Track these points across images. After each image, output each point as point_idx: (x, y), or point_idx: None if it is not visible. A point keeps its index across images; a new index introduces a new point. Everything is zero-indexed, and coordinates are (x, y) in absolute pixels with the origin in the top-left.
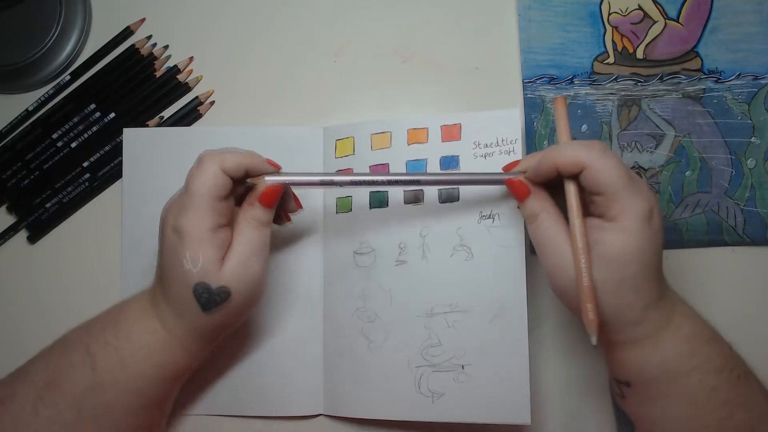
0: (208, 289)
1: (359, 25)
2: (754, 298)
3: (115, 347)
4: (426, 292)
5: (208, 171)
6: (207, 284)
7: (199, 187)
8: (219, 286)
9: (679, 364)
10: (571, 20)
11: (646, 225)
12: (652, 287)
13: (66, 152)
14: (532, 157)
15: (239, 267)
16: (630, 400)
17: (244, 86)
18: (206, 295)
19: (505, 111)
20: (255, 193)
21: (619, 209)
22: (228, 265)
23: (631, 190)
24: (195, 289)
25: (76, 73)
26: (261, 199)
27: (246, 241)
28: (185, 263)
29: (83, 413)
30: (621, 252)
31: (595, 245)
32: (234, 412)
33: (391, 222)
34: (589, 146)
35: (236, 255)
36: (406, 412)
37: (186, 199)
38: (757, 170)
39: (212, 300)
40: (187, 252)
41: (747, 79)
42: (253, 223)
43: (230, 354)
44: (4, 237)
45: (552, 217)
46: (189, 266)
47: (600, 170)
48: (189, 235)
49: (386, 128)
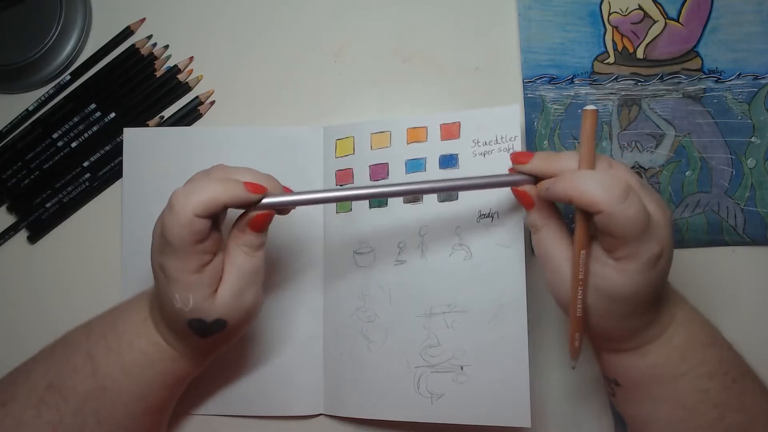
0: (202, 323)
1: (359, 25)
2: (754, 298)
3: (117, 353)
4: (425, 292)
5: (180, 218)
6: (201, 319)
7: (174, 237)
8: (214, 320)
9: (666, 370)
10: (571, 20)
11: (651, 268)
12: (646, 314)
13: (66, 152)
14: (546, 159)
15: (232, 298)
16: (620, 398)
17: (244, 86)
18: (202, 327)
19: (504, 108)
20: (245, 219)
21: (627, 253)
22: (221, 296)
23: (645, 235)
24: (190, 323)
25: (77, 73)
26: (251, 226)
27: (237, 270)
28: (175, 303)
29: (85, 418)
30: (618, 291)
31: (594, 276)
32: (234, 411)
33: (391, 221)
34: (610, 187)
35: (228, 286)
36: (405, 412)
37: (165, 244)
38: (757, 170)
39: (209, 330)
40: (176, 294)
41: (747, 79)
42: (244, 250)
43: (230, 354)
44: (4, 237)
45: (554, 233)
46: (179, 306)
47: (617, 220)
48: (175, 279)
49: (386, 127)
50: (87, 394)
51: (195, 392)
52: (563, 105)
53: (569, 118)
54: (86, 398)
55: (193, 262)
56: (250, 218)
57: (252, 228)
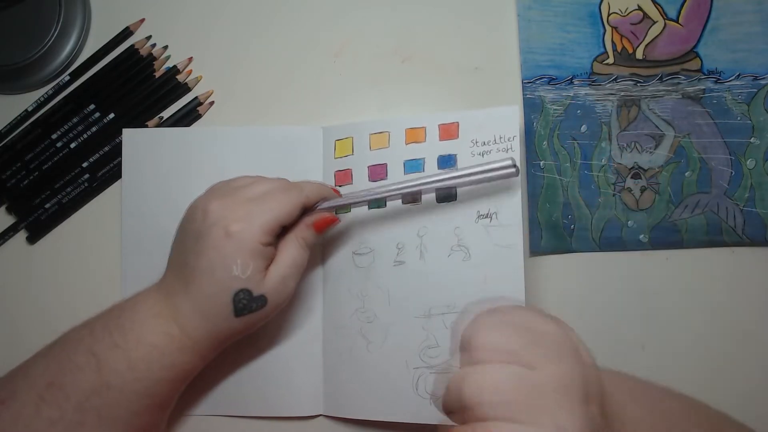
0: (249, 295)
1: (359, 25)
2: (753, 299)
3: (123, 349)
4: (424, 293)
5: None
6: (250, 291)
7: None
8: (260, 294)
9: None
10: (570, 20)
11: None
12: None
13: (65, 152)
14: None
15: (280, 280)
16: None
17: (243, 86)
18: (245, 301)
19: (503, 108)
20: (312, 217)
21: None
22: (271, 276)
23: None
24: (236, 294)
25: (76, 73)
26: (315, 225)
27: (291, 257)
28: (234, 269)
29: (87, 415)
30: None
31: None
32: (234, 412)
33: (389, 222)
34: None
35: (280, 268)
36: (404, 413)
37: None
38: (757, 171)
39: (248, 306)
40: (239, 259)
41: (747, 79)
42: (301, 243)
43: (231, 355)
44: (3, 237)
45: None
46: (237, 273)
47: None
48: (245, 243)
49: (384, 128)
50: (90, 390)
51: (195, 393)
52: (563, 105)
53: (568, 118)
54: (89, 395)
55: (265, 237)
56: (319, 219)
57: (315, 227)
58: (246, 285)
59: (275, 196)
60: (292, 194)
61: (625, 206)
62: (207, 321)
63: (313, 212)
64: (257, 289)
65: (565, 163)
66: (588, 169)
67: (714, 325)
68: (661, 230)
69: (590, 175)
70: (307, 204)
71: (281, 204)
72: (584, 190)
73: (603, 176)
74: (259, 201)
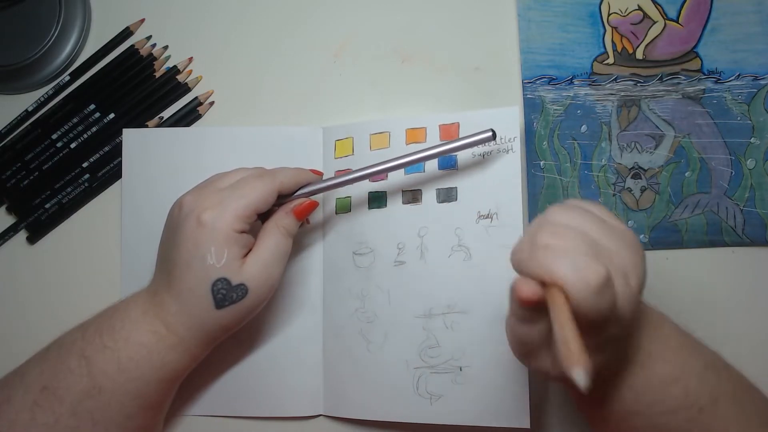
0: (227, 284)
1: (359, 24)
2: (754, 299)
3: (112, 350)
4: (424, 293)
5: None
6: (227, 279)
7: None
8: (239, 283)
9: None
10: (570, 21)
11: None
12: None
13: (65, 153)
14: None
15: (261, 268)
16: (581, 406)
17: (243, 86)
18: (224, 291)
19: (503, 109)
20: (291, 204)
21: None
22: (250, 264)
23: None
24: (214, 284)
25: (76, 73)
26: (295, 212)
27: (272, 245)
28: (208, 258)
29: (81, 419)
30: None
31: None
32: (234, 412)
33: (390, 222)
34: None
35: (260, 256)
36: (404, 413)
37: (219, 201)
38: (757, 171)
39: (228, 297)
40: (212, 247)
41: (747, 79)
42: (282, 230)
43: (230, 355)
44: (3, 237)
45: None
46: (212, 261)
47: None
48: (218, 230)
49: (385, 128)
50: (82, 393)
51: (194, 393)
52: (563, 106)
53: (568, 118)
54: (81, 398)
55: (238, 224)
56: (298, 206)
57: (296, 214)
58: (223, 274)
59: (248, 182)
60: (265, 180)
61: (625, 206)
62: (190, 316)
63: (291, 199)
64: (235, 278)
65: (565, 163)
66: (588, 169)
67: (714, 325)
68: (661, 230)
69: (590, 175)
70: (283, 190)
71: (254, 190)
72: (584, 190)
73: (603, 176)
74: (232, 188)
